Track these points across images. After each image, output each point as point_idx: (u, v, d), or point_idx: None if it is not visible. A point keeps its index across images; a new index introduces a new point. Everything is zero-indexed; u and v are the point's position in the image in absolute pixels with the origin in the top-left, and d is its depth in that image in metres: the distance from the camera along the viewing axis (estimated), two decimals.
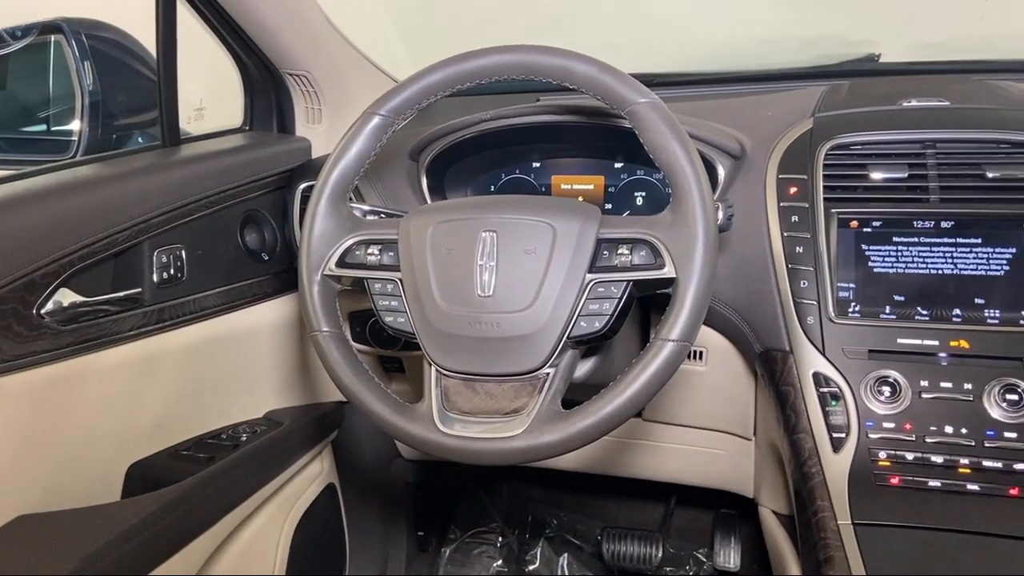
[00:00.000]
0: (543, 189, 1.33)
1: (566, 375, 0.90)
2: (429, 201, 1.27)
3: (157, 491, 1.11)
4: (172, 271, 1.19)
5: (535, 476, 1.86)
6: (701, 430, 1.37)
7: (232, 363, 1.35)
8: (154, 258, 1.16)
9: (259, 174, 1.34)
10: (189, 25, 1.29)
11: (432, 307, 0.90)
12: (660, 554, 1.67)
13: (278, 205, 1.39)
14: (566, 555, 1.86)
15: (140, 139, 1.57)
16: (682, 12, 1.69)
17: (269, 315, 1.40)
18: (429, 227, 0.93)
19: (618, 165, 1.29)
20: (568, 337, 0.87)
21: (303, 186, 1.36)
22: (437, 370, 0.91)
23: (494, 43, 0.94)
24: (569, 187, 1.31)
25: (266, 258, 1.38)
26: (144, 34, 1.37)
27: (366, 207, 1.12)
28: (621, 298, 0.87)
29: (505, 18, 1.82)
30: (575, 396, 0.89)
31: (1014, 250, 0.98)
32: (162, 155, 1.28)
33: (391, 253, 0.95)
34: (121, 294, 1.13)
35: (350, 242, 0.96)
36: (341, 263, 0.96)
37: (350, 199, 0.99)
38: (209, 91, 1.57)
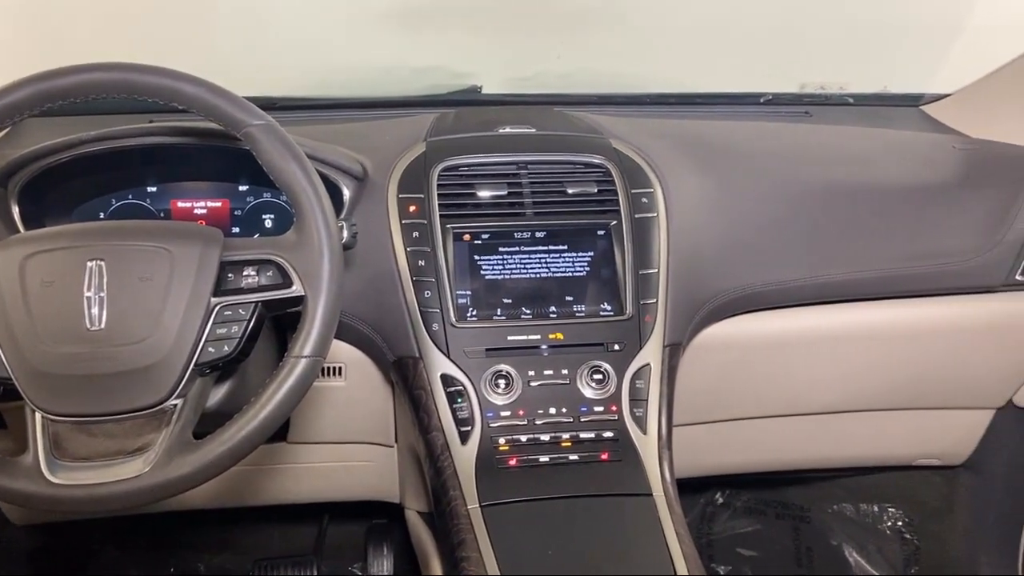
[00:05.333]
0: (161, 215, 1.26)
1: (196, 404, 0.87)
2: (23, 232, 1.13)
3: None
4: None
5: (174, 520, 1.73)
6: (347, 444, 1.40)
7: None
8: None
9: None
10: None
11: (31, 347, 0.81)
12: None
13: None
14: None
15: None
16: (304, 39, 1.72)
17: None
18: (21, 259, 0.83)
19: (243, 188, 1.27)
20: (196, 364, 0.85)
21: None
22: (43, 416, 0.82)
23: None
24: (191, 211, 1.26)
25: None
26: None
27: None
28: (250, 320, 0.87)
29: (116, 36, 1.67)
30: (211, 428, 0.86)
31: (592, 254, 1.16)
32: None
33: None
34: None
35: None
36: None
37: None
38: None
